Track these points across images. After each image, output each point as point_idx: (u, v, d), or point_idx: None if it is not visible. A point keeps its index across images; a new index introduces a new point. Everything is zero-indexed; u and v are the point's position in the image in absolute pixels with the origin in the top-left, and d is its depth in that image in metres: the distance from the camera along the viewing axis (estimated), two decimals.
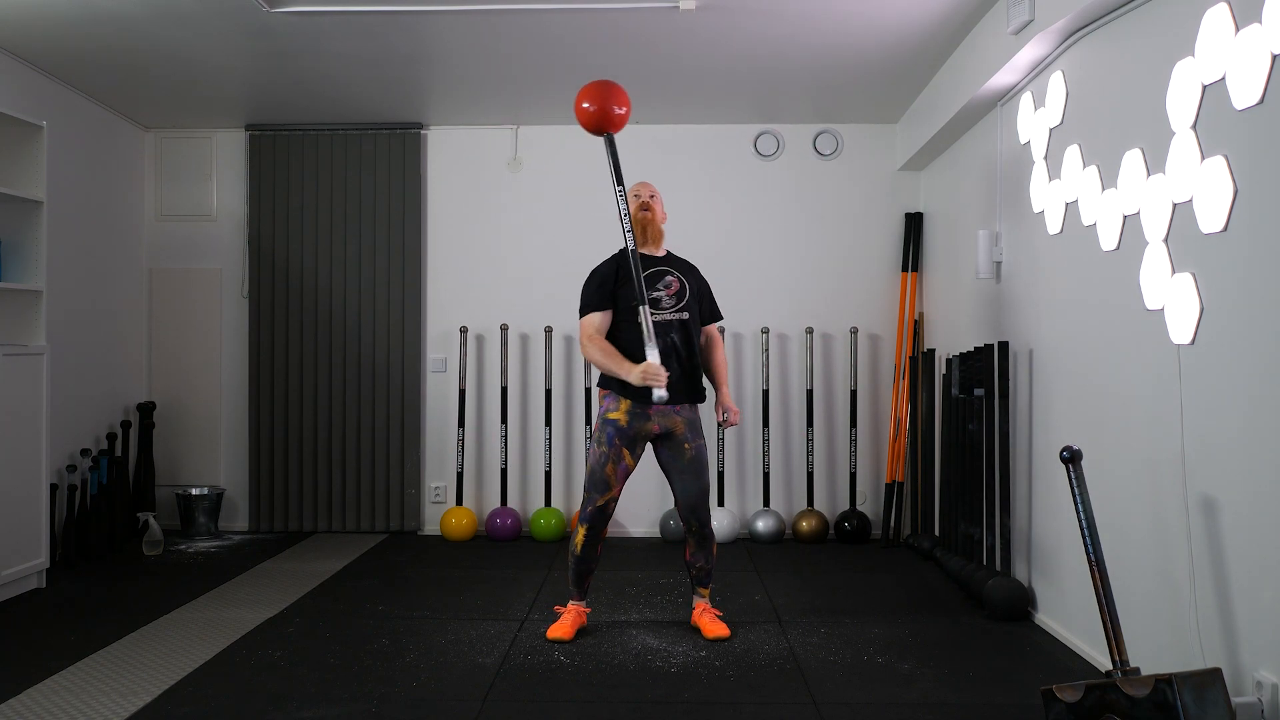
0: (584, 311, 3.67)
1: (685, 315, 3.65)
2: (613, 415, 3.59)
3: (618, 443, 3.57)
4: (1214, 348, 2.61)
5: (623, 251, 3.69)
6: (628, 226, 3.49)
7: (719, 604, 3.90)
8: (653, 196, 3.74)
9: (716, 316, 3.86)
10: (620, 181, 3.51)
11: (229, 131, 5.82)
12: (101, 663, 3.29)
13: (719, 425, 3.84)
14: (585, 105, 3.48)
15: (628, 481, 4.20)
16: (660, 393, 3.42)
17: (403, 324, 5.72)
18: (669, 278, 3.67)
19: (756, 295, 5.68)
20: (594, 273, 3.72)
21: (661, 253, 3.75)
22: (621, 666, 3.28)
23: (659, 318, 3.60)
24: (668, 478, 3.68)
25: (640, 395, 3.55)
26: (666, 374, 3.45)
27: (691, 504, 3.62)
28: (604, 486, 3.57)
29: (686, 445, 3.61)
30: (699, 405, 3.72)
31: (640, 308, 3.46)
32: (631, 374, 3.47)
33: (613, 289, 3.66)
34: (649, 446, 3.71)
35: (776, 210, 5.73)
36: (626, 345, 3.61)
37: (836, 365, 5.72)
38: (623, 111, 3.49)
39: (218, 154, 5.84)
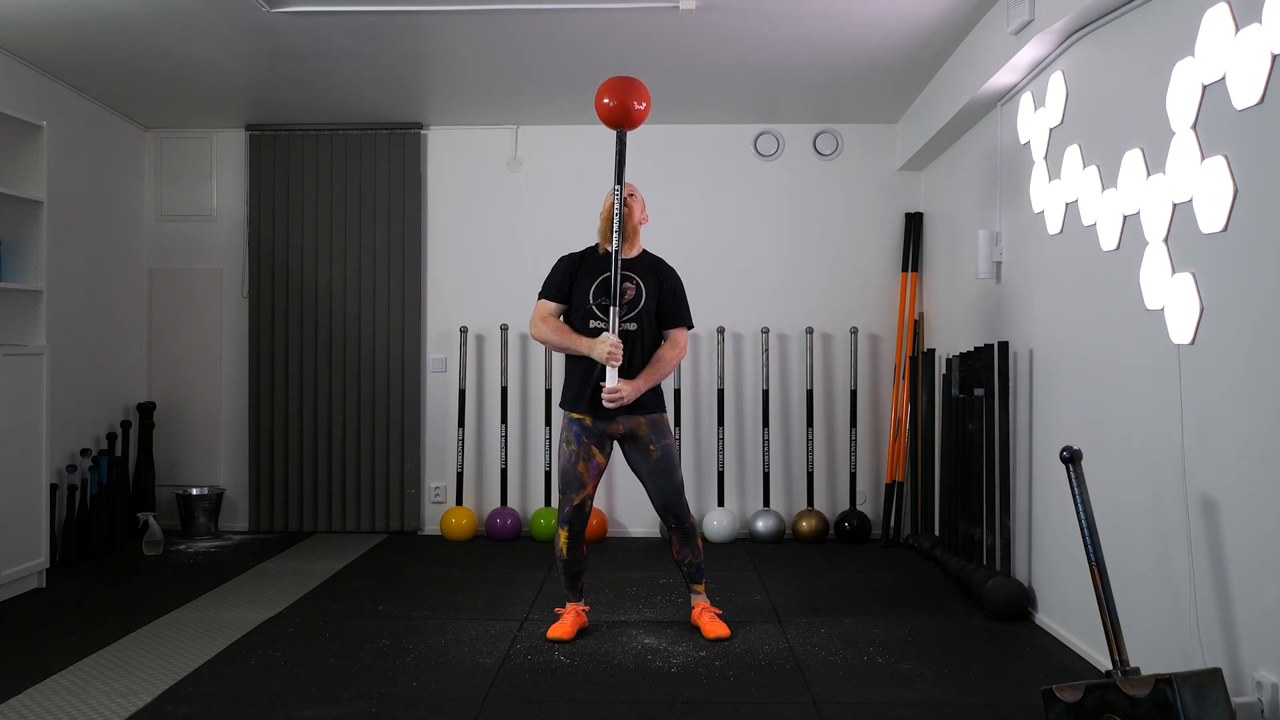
0: (540, 296, 3.69)
1: (633, 326, 3.57)
2: (576, 415, 3.59)
3: (585, 440, 3.57)
4: (1214, 348, 2.61)
5: (592, 248, 3.70)
6: (617, 226, 3.47)
7: (719, 604, 3.89)
8: (631, 195, 3.65)
9: (678, 323, 3.65)
10: (620, 180, 3.49)
11: (229, 131, 5.82)
12: (101, 663, 3.29)
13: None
14: (606, 101, 3.43)
15: (627, 482, 4.16)
16: (611, 373, 3.43)
17: (403, 324, 5.72)
18: (626, 285, 3.58)
19: (756, 295, 5.68)
20: (558, 261, 3.72)
21: (632, 254, 3.66)
22: (621, 666, 3.28)
23: (604, 326, 3.55)
24: (640, 479, 3.66)
25: (592, 409, 3.54)
26: (620, 354, 3.45)
27: (666, 501, 3.61)
28: (578, 484, 3.57)
29: (652, 447, 3.59)
30: (661, 411, 3.65)
31: (610, 307, 3.48)
32: (594, 349, 3.46)
33: (569, 282, 3.65)
34: (618, 449, 3.70)
35: (776, 210, 5.73)
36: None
37: (836, 365, 5.72)
38: (642, 108, 3.45)
39: (218, 154, 5.84)
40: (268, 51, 4.49)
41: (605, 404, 3.46)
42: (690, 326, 3.71)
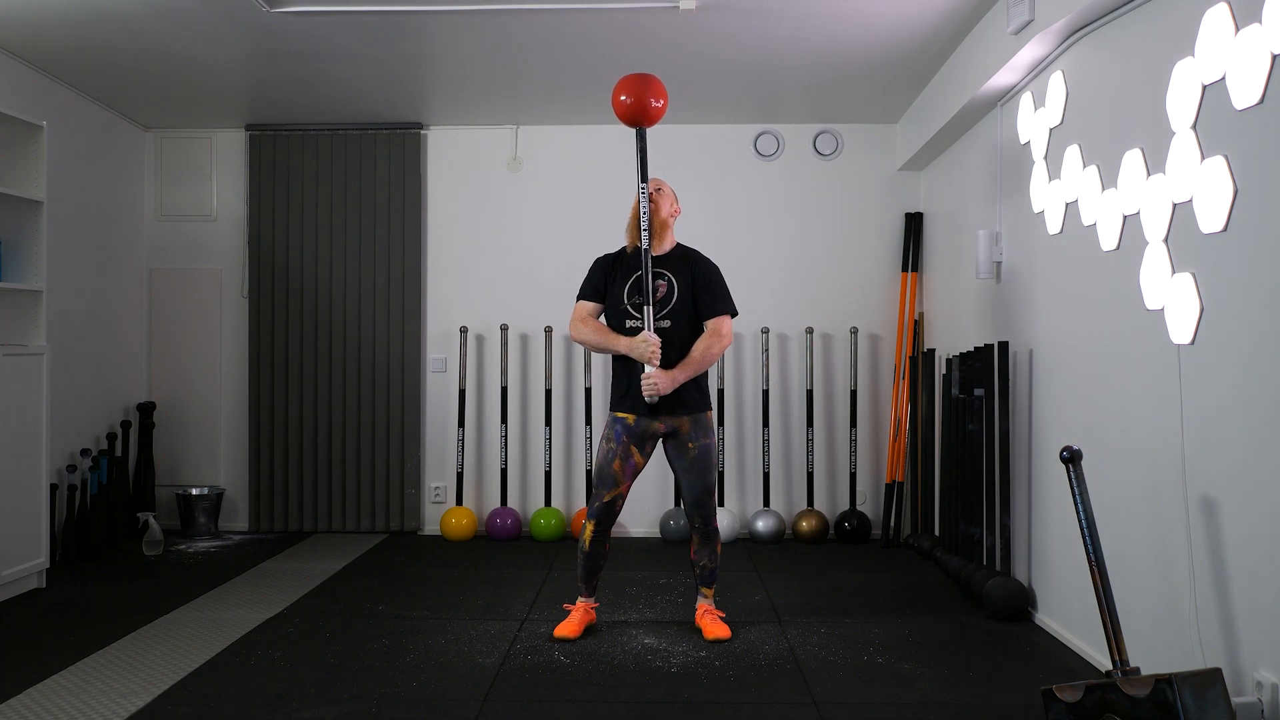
0: (578, 297, 3.72)
1: (668, 323, 3.58)
2: (621, 413, 3.60)
3: (625, 440, 3.57)
4: (1214, 348, 2.61)
5: (623, 249, 3.71)
6: (646, 224, 3.50)
7: (720, 604, 3.89)
8: (658, 190, 3.66)
9: (717, 311, 3.63)
10: (645, 178, 3.51)
11: (229, 131, 5.82)
12: (101, 663, 3.29)
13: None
14: (623, 98, 3.47)
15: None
16: (650, 368, 3.46)
17: (403, 324, 5.72)
18: (658, 282, 3.60)
19: (756, 295, 5.66)
20: (594, 262, 3.75)
21: (663, 249, 3.67)
22: (621, 666, 3.28)
23: (640, 325, 3.56)
24: (674, 473, 3.72)
25: (634, 408, 3.56)
26: (659, 352, 3.46)
27: (695, 500, 3.63)
28: (611, 483, 3.58)
29: (690, 445, 3.60)
30: (706, 409, 3.66)
31: (645, 306, 3.51)
32: (634, 348, 3.49)
33: (605, 283, 3.67)
34: (660, 444, 3.71)
35: (776, 210, 5.73)
36: None
37: (836, 365, 5.72)
38: (660, 105, 3.49)
39: (218, 154, 5.84)
40: (268, 51, 4.49)
41: (644, 396, 3.49)
42: (733, 314, 3.68)
